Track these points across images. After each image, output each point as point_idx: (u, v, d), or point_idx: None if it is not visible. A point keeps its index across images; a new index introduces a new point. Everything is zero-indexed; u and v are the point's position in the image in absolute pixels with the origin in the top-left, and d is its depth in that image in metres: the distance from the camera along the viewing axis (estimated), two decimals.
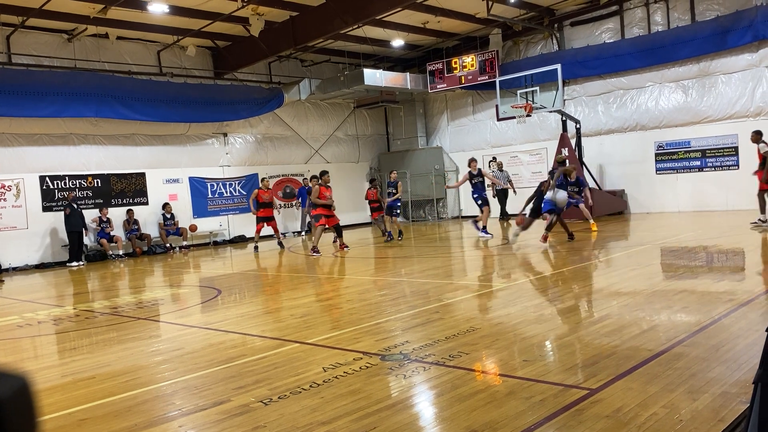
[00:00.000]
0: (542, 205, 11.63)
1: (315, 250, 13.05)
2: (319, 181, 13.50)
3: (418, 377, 4.15)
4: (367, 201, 16.39)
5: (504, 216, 18.44)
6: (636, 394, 3.47)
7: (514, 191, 17.87)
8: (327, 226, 13.42)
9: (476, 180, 13.83)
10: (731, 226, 12.57)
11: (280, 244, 15.78)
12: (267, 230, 15.89)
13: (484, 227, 13.58)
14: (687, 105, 16.71)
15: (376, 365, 4.45)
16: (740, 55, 15.67)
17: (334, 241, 14.13)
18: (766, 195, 11.82)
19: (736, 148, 15.90)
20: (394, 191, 15.03)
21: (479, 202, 13.86)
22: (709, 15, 16.00)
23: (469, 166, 13.97)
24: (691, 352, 4.23)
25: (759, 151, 12.05)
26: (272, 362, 4.79)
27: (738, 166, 15.90)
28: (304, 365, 4.60)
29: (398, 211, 15.35)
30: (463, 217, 22.00)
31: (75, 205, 15.30)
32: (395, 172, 16.14)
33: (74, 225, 15.06)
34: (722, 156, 16.22)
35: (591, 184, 16.78)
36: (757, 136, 12.13)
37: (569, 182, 12.47)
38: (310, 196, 19.45)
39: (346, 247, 13.63)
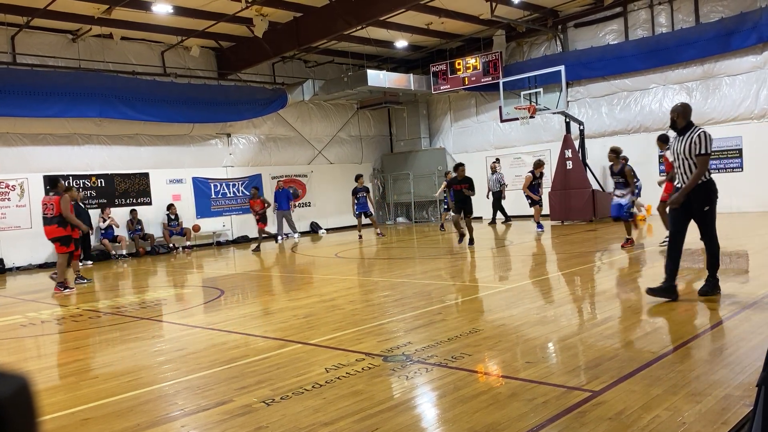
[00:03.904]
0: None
1: (64, 285, 10.24)
2: (56, 191, 10.11)
3: (421, 378, 4.14)
4: (253, 211, 16.22)
5: (507, 218, 18.45)
6: (639, 397, 3.46)
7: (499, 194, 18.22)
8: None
9: (535, 182, 15.26)
10: (734, 228, 12.52)
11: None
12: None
13: (538, 222, 15.02)
14: (691, 107, 16.64)
15: (379, 366, 4.44)
16: (744, 57, 15.63)
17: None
18: None
19: (740, 150, 15.83)
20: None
21: (529, 201, 15.31)
22: (714, 17, 15.95)
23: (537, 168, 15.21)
24: (694, 355, 4.21)
25: None
26: (275, 363, 4.79)
27: (742, 168, 15.83)
28: (306, 366, 4.60)
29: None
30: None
31: (82, 205, 15.33)
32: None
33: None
34: (726, 158, 16.14)
35: (594, 186, 16.75)
36: None
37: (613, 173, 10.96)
38: (293, 199, 19.18)
39: (88, 280, 11.39)
